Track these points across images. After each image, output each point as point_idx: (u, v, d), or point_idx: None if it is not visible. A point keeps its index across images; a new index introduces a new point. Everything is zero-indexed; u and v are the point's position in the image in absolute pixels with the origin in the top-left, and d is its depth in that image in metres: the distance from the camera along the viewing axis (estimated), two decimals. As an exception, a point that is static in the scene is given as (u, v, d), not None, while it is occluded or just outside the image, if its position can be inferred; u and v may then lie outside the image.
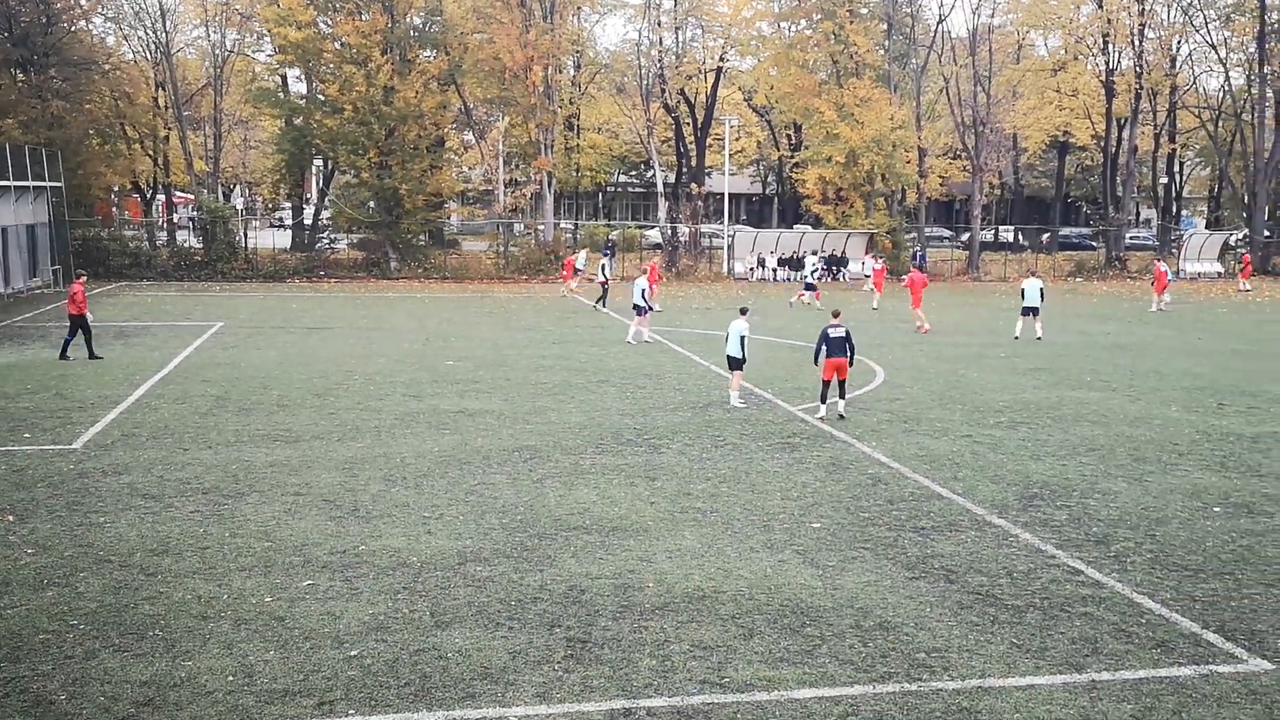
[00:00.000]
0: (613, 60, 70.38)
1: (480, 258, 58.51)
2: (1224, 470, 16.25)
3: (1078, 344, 31.31)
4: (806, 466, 16.34)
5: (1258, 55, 63.72)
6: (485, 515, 13.68)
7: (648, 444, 17.70)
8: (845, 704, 8.76)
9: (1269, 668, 9.40)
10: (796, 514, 13.86)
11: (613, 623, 10.33)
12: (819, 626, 10.27)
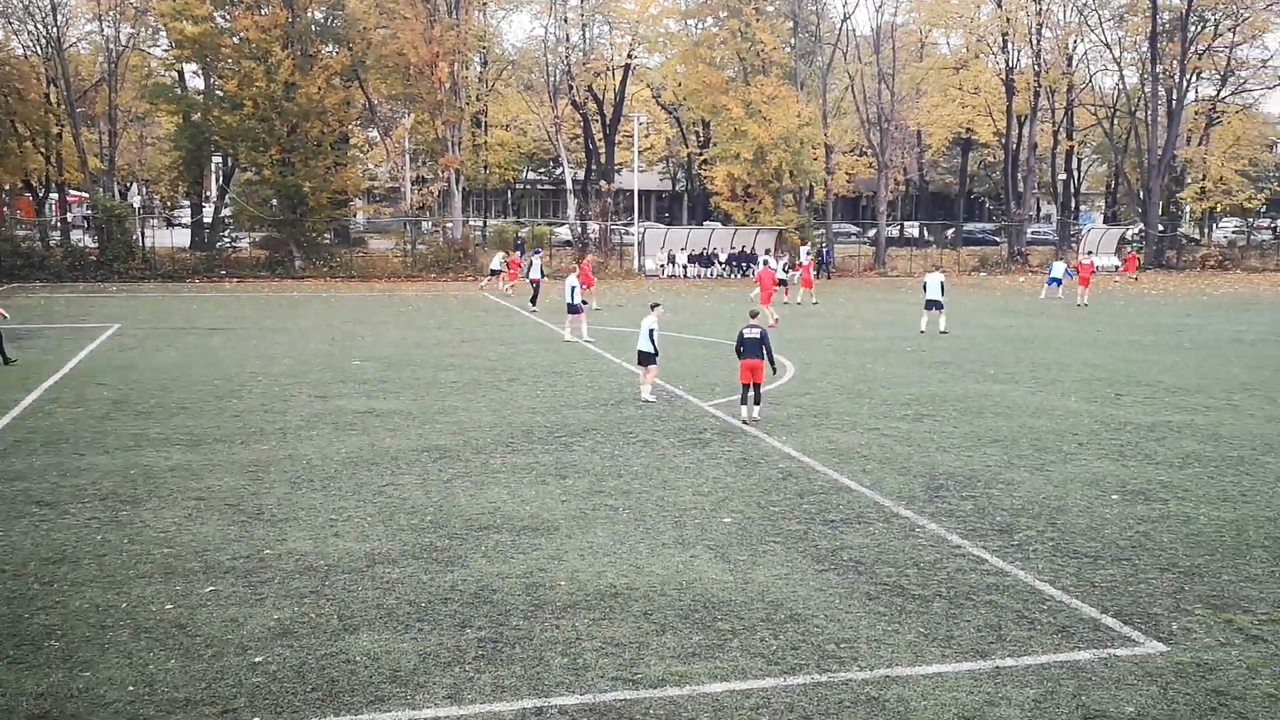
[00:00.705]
0: (520, 57, 70.07)
1: (387, 256, 57.89)
2: (1121, 459, 16.67)
3: (981, 337, 31.92)
4: (718, 462, 16.40)
5: (1149, 54, 65.60)
6: (394, 516, 13.50)
7: (559, 442, 17.63)
8: (756, 696, 8.80)
9: (1163, 649, 9.65)
10: (708, 509, 13.91)
11: (524, 622, 10.26)
12: (730, 620, 10.30)
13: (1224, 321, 36.98)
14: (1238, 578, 11.43)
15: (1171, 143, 66.59)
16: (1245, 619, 10.30)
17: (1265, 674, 9.14)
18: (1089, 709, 8.55)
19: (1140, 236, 69.44)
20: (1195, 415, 20.03)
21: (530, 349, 28.75)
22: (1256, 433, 18.51)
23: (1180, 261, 67.58)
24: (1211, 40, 67.23)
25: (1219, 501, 14.29)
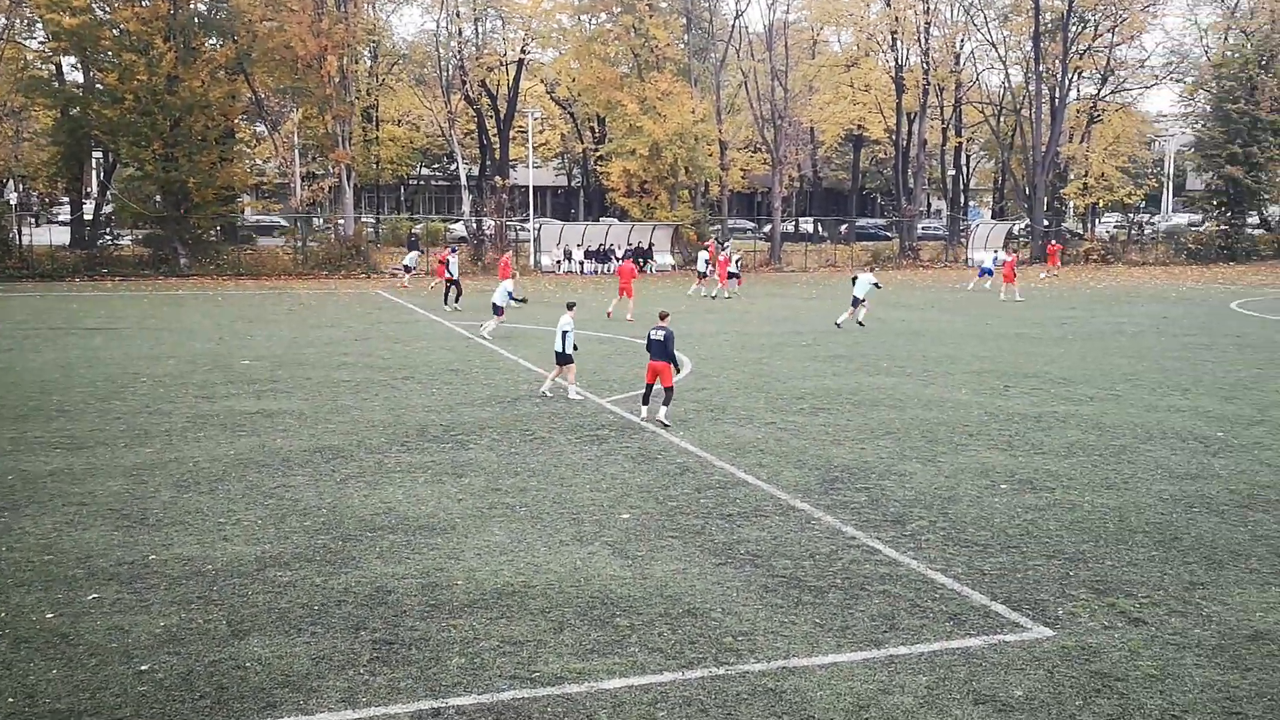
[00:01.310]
0: (411, 51, 69.14)
1: (277, 253, 56.68)
2: (1010, 449, 17.05)
3: (874, 331, 32.41)
4: (615, 458, 16.39)
5: (1033, 54, 67.32)
6: (285, 518, 13.22)
7: (455, 440, 17.44)
8: (655, 691, 8.80)
9: (1050, 634, 9.89)
10: (606, 506, 13.88)
11: (420, 622, 10.11)
12: (629, 616, 10.29)
13: (1106, 314, 38.11)
14: (1120, 563, 11.77)
15: (1055, 140, 68.43)
16: (1127, 603, 10.61)
17: (1146, 655, 9.42)
18: (979, 694, 8.72)
19: (1026, 231, 71.24)
20: (1080, 406, 20.59)
21: (425, 346, 28.42)
22: (1137, 422, 19.09)
23: (1064, 256, 69.45)
24: (1092, 40, 69.26)
25: (1102, 489, 14.70)
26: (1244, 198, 69.75)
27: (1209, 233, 71.67)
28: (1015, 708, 8.49)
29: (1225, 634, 9.87)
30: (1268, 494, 14.42)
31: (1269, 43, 69.43)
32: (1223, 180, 69.23)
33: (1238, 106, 67.08)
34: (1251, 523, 13.16)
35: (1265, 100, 67.27)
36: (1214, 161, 69.49)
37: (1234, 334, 32.26)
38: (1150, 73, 76.59)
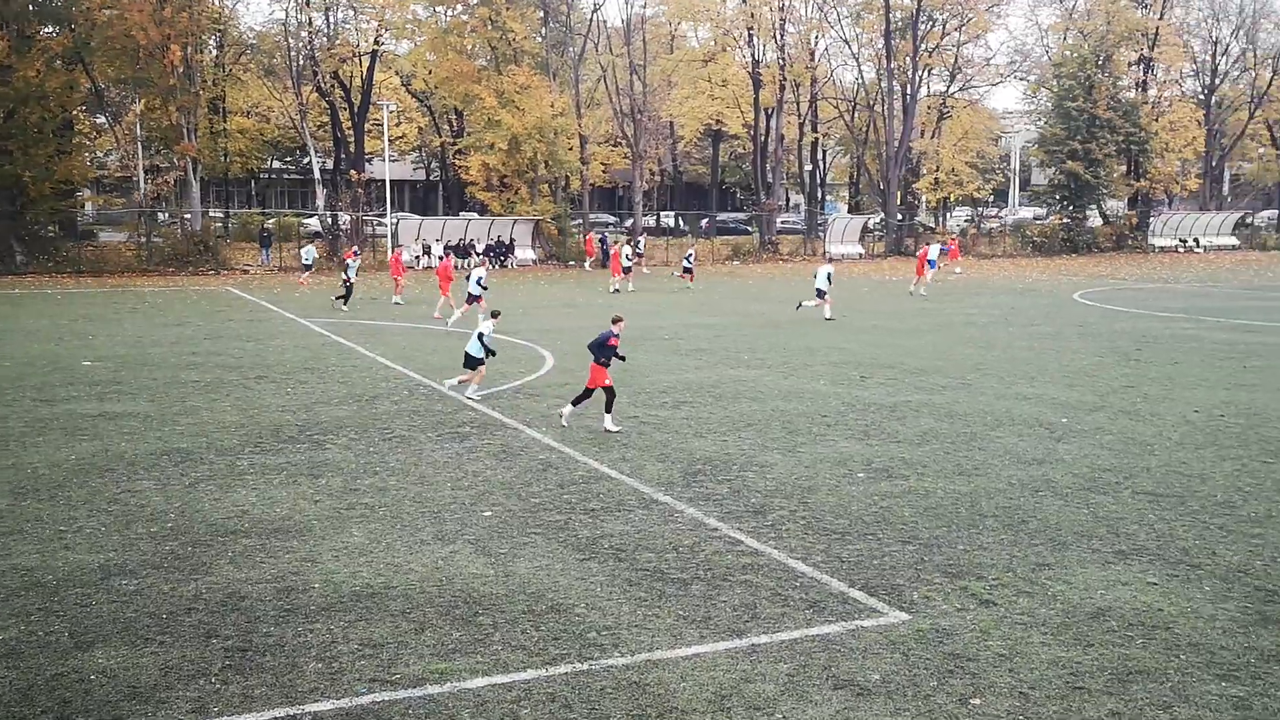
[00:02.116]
0: (260, 41, 67.22)
1: (120, 249, 54.66)
2: (867, 438, 17.41)
3: (735, 324, 32.80)
4: (477, 455, 16.20)
5: (885, 51, 69.00)
6: (131, 525, 12.70)
7: (311, 440, 17.03)
8: (518, 689, 8.71)
9: (906, 618, 10.10)
10: (468, 503, 13.71)
11: (275, 628, 9.82)
12: (492, 614, 10.17)
13: (957, 305, 39.27)
14: (971, 547, 12.10)
15: (907, 136, 70.28)
16: (978, 585, 10.91)
17: (996, 635, 9.70)
18: (838, 679, 8.85)
19: (881, 225, 73.02)
20: (933, 395, 21.15)
21: (280, 345, 27.70)
22: (987, 410, 19.69)
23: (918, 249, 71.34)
24: (940, 39, 71.35)
25: (955, 475, 15.11)
26: (1084, 192, 72.71)
27: (1052, 226, 74.50)
28: (873, 691, 8.64)
29: (1069, 612, 10.22)
30: (1108, 477, 15.01)
31: (1104, 43, 72.47)
32: (1064, 175, 72.05)
33: (1077, 104, 69.86)
34: (1093, 504, 13.68)
35: (1102, 98, 70.20)
36: (1056, 157, 72.28)
37: (1076, 324, 33.56)
38: (996, 71, 79.36)
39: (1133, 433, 17.76)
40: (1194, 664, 9.12)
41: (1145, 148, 73.54)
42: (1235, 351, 27.07)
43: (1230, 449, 16.64)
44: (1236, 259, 69.96)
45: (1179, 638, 9.64)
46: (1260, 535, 12.45)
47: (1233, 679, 8.85)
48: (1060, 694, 8.60)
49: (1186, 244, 76.22)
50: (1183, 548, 12.02)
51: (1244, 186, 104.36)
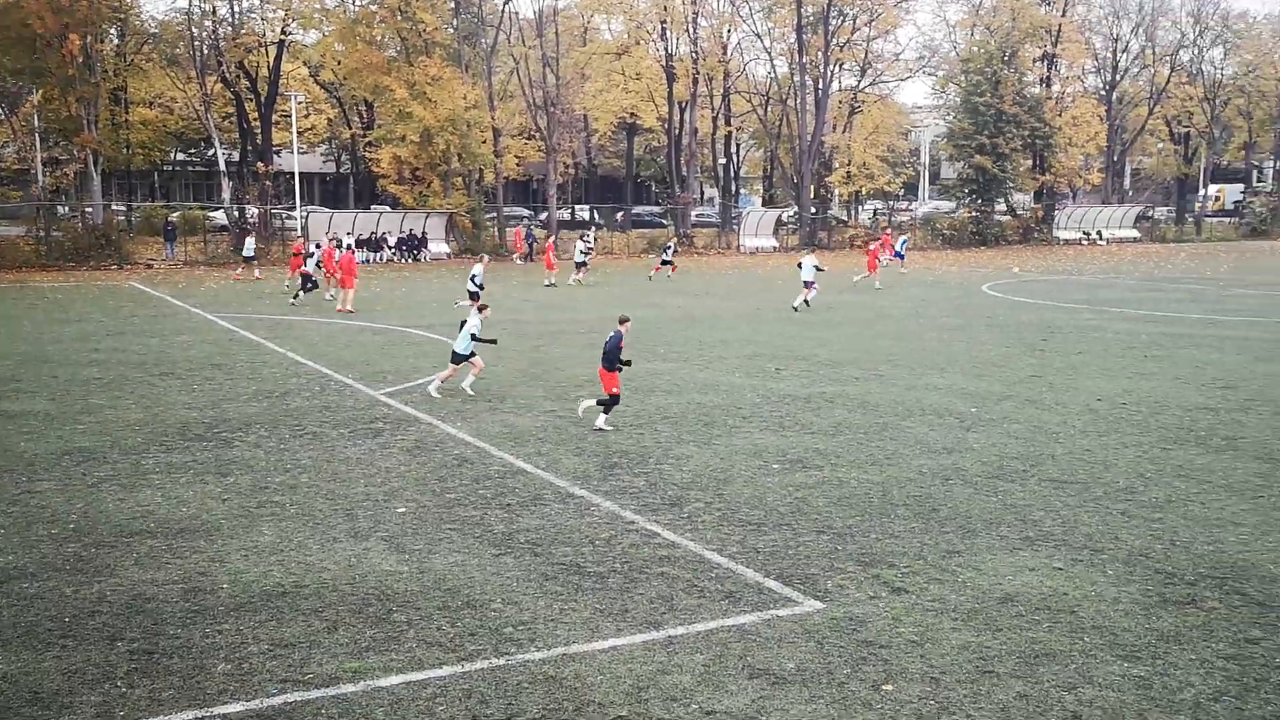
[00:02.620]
0: (163, 30, 65.61)
1: (17, 244, 52.95)
2: (781, 430, 17.55)
3: (652, 317, 32.83)
4: (391, 451, 16.02)
5: (797, 46, 69.59)
6: (31, 527, 12.33)
7: (219, 438, 16.69)
8: (434, 686, 8.62)
9: (820, 607, 10.20)
10: (381, 500, 13.55)
11: (182, 630, 9.61)
12: (406, 611, 10.06)
13: (870, 298, 39.75)
14: (884, 535, 12.26)
15: (819, 130, 70.99)
16: (890, 573, 11.06)
17: (907, 622, 9.84)
18: (754, 668, 8.91)
19: (795, 219, 73.68)
20: (847, 386, 21.38)
21: (185, 341, 27.11)
22: (899, 400, 19.97)
23: (831, 242, 72.17)
24: (851, 34, 72.15)
25: (867, 465, 15.30)
26: (992, 186, 74.16)
27: (962, 219, 75.83)
28: (788, 679, 8.72)
29: (979, 598, 10.41)
30: (1015, 465, 15.32)
31: (1010, 40, 73.91)
32: (973, 169, 73.41)
33: (984, 100, 71.17)
34: (1001, 492, 13.95)
35: (1008, 94, 71.59)
36: (964, 151, 73.60)
37: (985, 315, 34.20)
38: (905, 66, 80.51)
39: (1039, 422, 18.14)
40: (1098, 646, 9.34)
41: (1050, 142, 75.20)
42: (1136, 342, 27.78)
43: (1132, 436, 17.07)
44: (1137, 251, 71.82)
45: (1083, 620, 9.87)
46: (1160, 520, 12.80)
47: (1134, 659, 9.08)
48: (970, 678, 8.75)
49: (1090, 236, 78.09)
50: (1087, 533, 12.31)
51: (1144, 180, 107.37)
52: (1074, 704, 8.33)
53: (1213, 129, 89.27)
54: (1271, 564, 11.28)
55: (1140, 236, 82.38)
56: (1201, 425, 17.84)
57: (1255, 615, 9.97)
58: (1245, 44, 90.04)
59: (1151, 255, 67.16)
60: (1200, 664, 8.99)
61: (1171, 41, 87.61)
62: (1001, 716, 8.14)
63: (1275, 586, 10.65)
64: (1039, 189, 79.77)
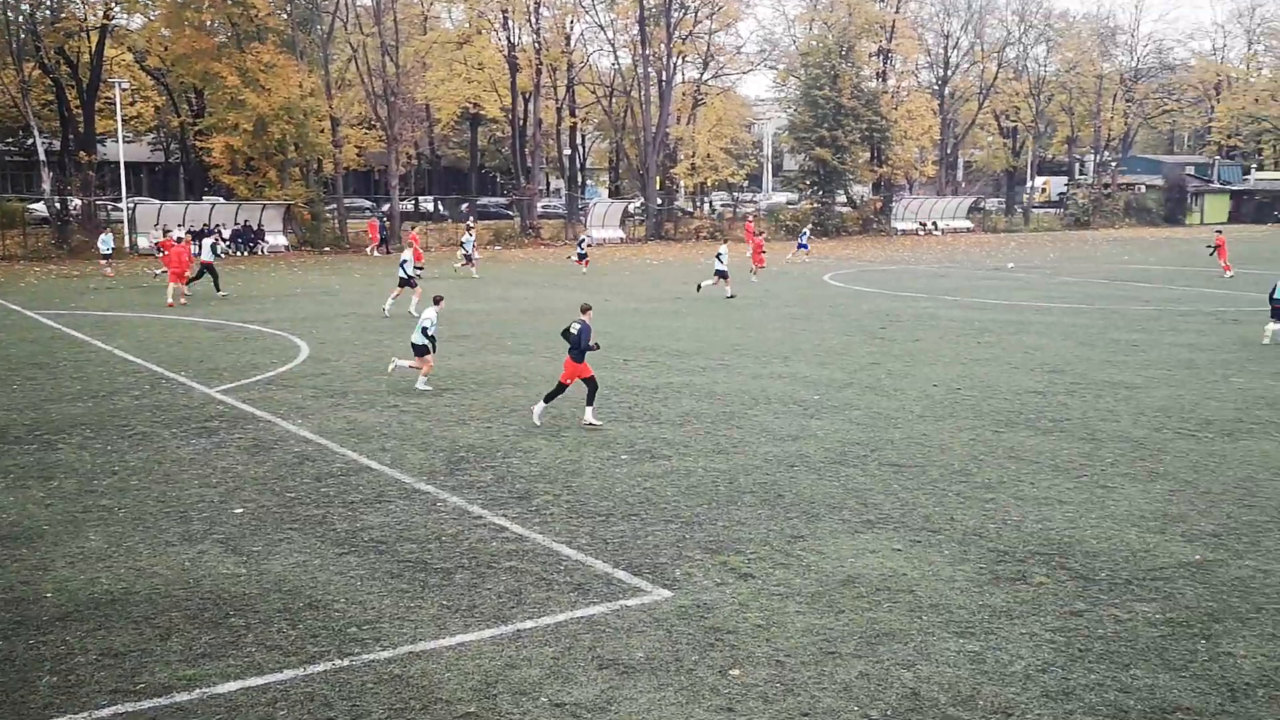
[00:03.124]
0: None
1: None
2: (630, 420, 17.59)
3: (499, 310, 32.59)
4: (227, 450, 15.51)
5: (639, 37, 69.89)
6: None
7: (41, 440, 15.89)
8: (274, 691, 8.37)
9: (668, 595, 10.26)
10: (217, 501, 13.10)
11: (4, 642, 9.12)
12: (244, 616, 9.74)
13: (719, 288, 40.16)
14: (731, 522, 12.41)
15: (664, 122, 71.47)
16: (738, 559, 11.20)
17: (754, 607, 9.97)
18: (603, 659, 8.91)
19: (641, 210, 74.05)
20: (694, 376, 21.58)
21: (3, 339, 25.76)
22: (745, 389, 20.25)
23: (677, 233, 72.78)
24: (693, 27, 72.78)
25: (714, 454, 15.46)
26: (832, 178, 75.85)
27: (804, 210, 77.34)
28: (637, 669, 8.74)
29: (822, 581, 10.62)
30: (856, 450, 15.69)
31: (847, 34, 75.66)
32: (814, 161, 74.94)
33: (823, 93, 72.70)
34: (843, 477, 14.26)
35: (846, 88, 73.28)
36: (805, 144, 75.07)
37: (827, 304, 34.96)
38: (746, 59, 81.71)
39: (879, 408, 18.62)
40: (935, 623, 9.62)
41: (886, 135, 77.26)
42: (970, 328, 28.78)
43: (966, 420, 17.67)
44: (971, 241, 74.42)
45: (921, 599, 10.16)
46: (993, 500, 13.27)
47: (969, 635, 9.39)
48: (814, 659, 8.92)
49: (926, 227, 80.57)
50: (924, 515, 12.68)
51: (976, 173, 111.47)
52: (912, 681, 8.56)
53: (1038, 123, 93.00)
54: (1094, 539, 11.80)
55: (973, 227, 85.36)
56: (1030, 408, 18.57)
57: (1079, 589, 10.42)
58: (1066, 42, 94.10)
59: (983, 244, 69.66)
60: (1030, 637, 9.35)
61: (999, 39, 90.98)
62: (844, 696, 8.32)
63: (1097, 561, 11.15)
64: (877, 181, 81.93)
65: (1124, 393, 19.78)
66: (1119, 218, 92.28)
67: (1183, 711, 8.08)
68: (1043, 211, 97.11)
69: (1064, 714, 8.04)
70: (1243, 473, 14.43)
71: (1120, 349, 25.04)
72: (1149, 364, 22.96)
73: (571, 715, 8.04)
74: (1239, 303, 34.56)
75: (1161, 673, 8.69)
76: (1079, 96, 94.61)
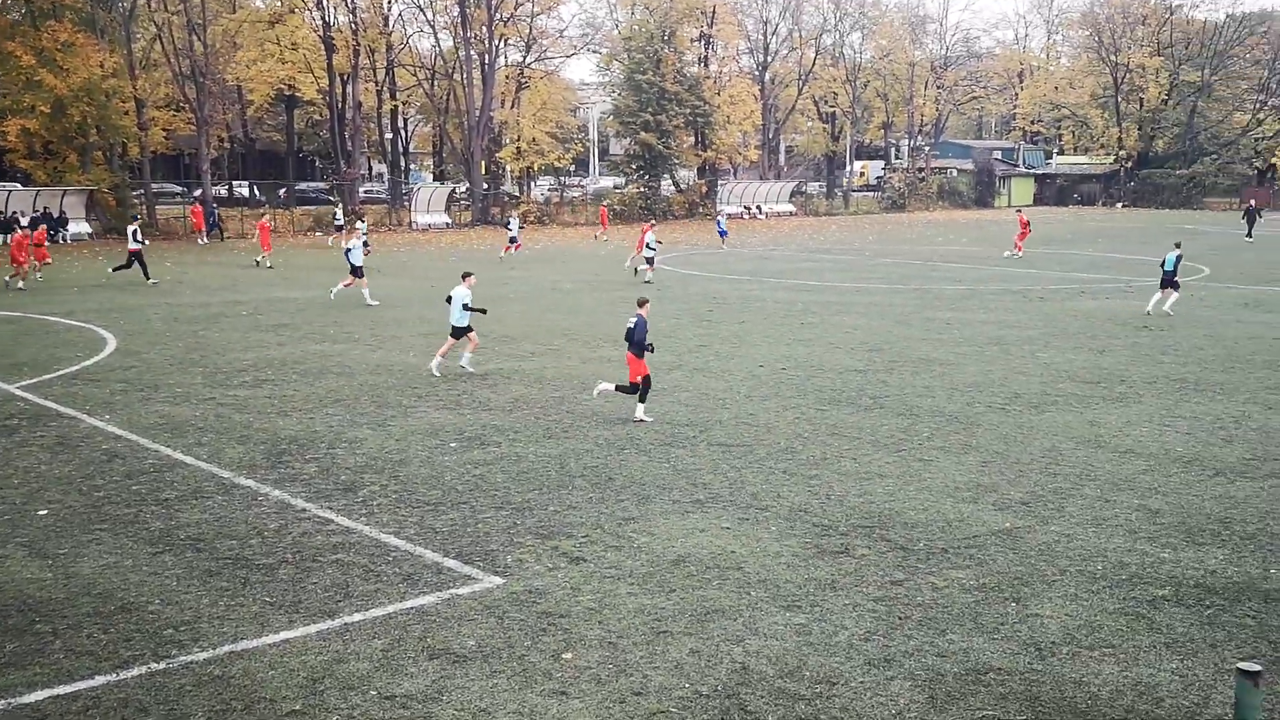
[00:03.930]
0: None
1: None
2: (458, 408, 17.39)
3: (319, 298, 31.77)
4: (29, 449, 14.69)
5: (460, 19, 68.97)
6: None
7: None
8: (85, 698, 7.97)
9: (500, 582, 10.19)
10: (19, 503, 12.40)
11: None
12: (51, 621, 9.25)
13: (545, 273, 40.09)
14: (562, 507, 12.39)
15: (487, 105, 70.73)
16: (569, 544, 11.19)
17: (586, 590, 9.98)
18: (434, 649, 8.78)
19: (467, 194, 73.22)
20: (523, 361, 21.47)
21: None
22: (574, 374, 20.25)
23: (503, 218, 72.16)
24: (514, 9, 72.20)
25: (545, 439, 15.41)
26: (658, 162, 76.44)
27: (631, 194, 77.75)
28: (468, 657, 8.64)
29: (653, 561, 10.70)
30: (685, 431, 15.86)
31: (669, 19, 76.28)
32: (639, 146, 75.37)
33: (647, 77, 73.15)
34: (673, 458, 14.41)
35: (669, 72, 73.91)
36: (630, 128, 75.44)
37: (654, 288, 35.22)
38: (569, 43, 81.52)
39: (707, 389, 18.87)
40: (763, 598, 9.81)
41: (710, 120, 78.27)
42: (794, 310, 29.43)
43: (791, 399, 18.06)
44: (793, 224, 76.07)
45: (750, 576, 10.34)
46: (817, 476, 13.60)
47: (796, 609, 9.60)
48: (646, 639, 8.98)
49: (750, 211, 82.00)
50: (752, 493, 12.91)
51: (797, 157, 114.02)
52: (742, 655, 8.70)
53: (855, 109, 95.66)
54: (912, 511, 12.22)
55: (795, 210, 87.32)
56: (852, 386, 19.11)
57: (899, 559, 10.77)
58: (880, 30, 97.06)
59: (806, 228, 71.29)
60: (853, 608, 9.62)
61: (816, 25, 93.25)
62: (676, 674, 8.40)
63: (915, 531, 11.55)
64: (702, 165, 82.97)
65: (939, 369, 20.54)
66: (933, 201, 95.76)
67: (995, 672, 8.44)
68: (862, 195, 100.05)
69: (885, 680, 8.31)
70: (1048, 443, 15.16)
71: (935, 327, 26.00)
72: (962, 341, 23.90)
73: (402, 707, 7.91)
74: (1043, 281, 36.30)
75: (975, 636, 9.05)
76: (893, 83, 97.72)
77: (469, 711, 7.85)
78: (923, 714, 7.82)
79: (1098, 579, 10.23)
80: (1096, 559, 10.73)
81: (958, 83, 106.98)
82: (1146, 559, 10.74)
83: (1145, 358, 21.81)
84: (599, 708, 7.90)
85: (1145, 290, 30.99)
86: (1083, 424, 16.24)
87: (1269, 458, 14.38)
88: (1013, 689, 8.18)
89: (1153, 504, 12.45)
